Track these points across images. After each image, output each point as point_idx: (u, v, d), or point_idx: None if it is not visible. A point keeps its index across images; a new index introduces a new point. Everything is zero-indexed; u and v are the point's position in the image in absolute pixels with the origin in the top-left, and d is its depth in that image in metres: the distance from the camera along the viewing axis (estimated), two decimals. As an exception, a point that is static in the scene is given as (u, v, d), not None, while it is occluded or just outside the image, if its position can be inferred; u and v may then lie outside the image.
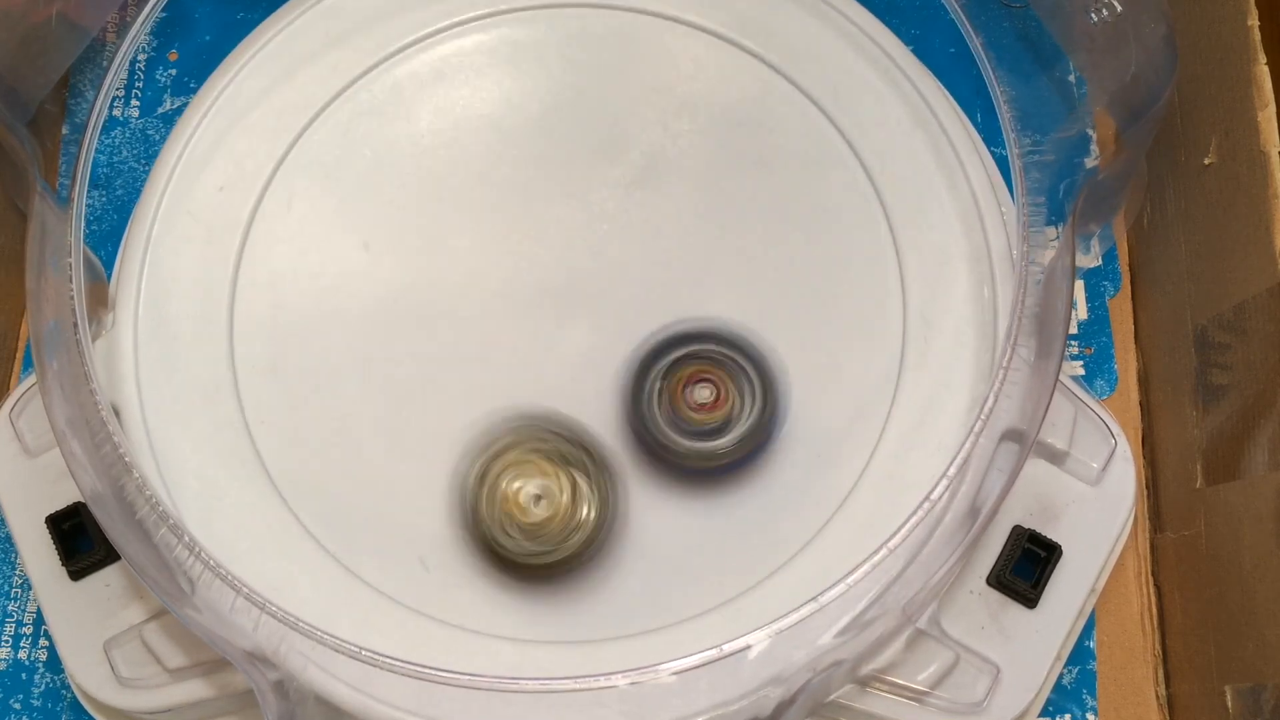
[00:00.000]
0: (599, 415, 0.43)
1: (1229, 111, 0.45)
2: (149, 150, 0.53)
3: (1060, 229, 0.43)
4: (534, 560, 0.42)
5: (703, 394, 0.43)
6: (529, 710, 0.39)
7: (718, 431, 0.43)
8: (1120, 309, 0.51)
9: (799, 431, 0.43)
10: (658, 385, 0.43)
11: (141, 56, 0.54)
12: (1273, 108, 0.43)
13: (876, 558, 0.39)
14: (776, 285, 0.45)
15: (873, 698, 0.42)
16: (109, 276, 0.45)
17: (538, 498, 0.42)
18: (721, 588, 0.42)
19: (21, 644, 0.48)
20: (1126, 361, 0.50)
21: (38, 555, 0.44)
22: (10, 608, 0.49)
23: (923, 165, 0.45)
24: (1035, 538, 0.43)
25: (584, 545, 0.42)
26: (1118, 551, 0.44)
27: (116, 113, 0.53)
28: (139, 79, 0.54)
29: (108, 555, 0.43)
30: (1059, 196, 0.43)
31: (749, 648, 0.38)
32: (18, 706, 0.47)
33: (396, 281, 0.45)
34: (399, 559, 0.42)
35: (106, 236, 0.52)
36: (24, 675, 0.48)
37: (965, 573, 0.43)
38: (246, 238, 0.45)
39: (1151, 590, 0.48)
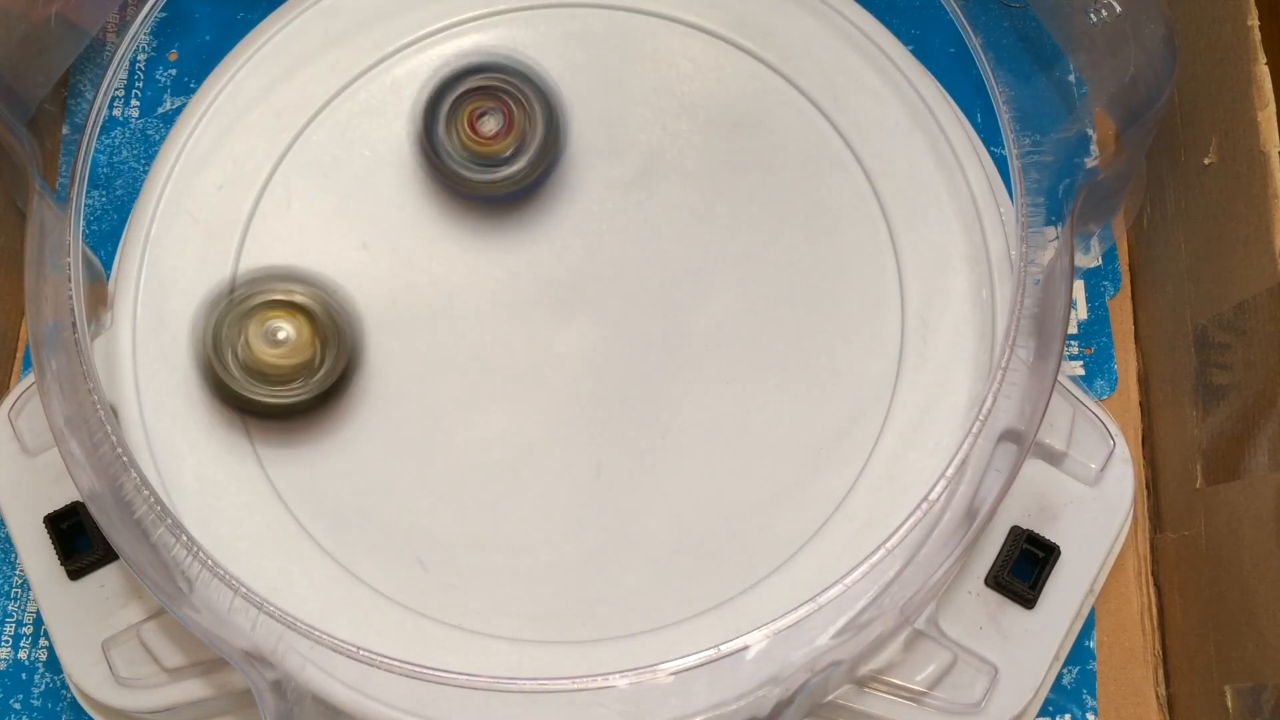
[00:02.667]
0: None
1: (1229, 111, 0.44)
2: (149, 150, 0.53)
3: (1060, 229, 0.43)
4: None
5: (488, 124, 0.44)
6: (527, 710, 0.39)
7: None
8: (1120, 309, 0.51)
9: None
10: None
11: (141, 56, 0.54)
12: (1273, 108, 0.43)
13: (874, 558, 0.39)
14: (775, 285, 0.45)
15: (871, 698, 0.42)
16: (108, 276, 0.45)
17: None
18: (719, 588, 0.42)
19: (21, 644, 0.48)
20: (1126, 361, 0.50)
21: (36, 555, 0.44)
22: (10, 608, 0.49)
23: (921, 166, 0.45)
24: (1033, 538, 0.43)
25: None
26: (1116, 552, 0.44)
27: (116, 113, 0.53)
28: (139, 79, 0.54)
29: (106, 555, 0.43)
30: (1058, 197, 0.43)
31: (747, 648, 0.38)
32: (18, 706, 0.47)
33: (395, 281, 0.45)
34: (397, 558, 0.42)
35: (106, 236, 0.52)
36: (24, 675, 0.48)
37: (963, 573, 0.43)
38: (245, 237, 0.45)
39: (1151, 590, 0.48)
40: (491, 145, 0.44)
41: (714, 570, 0.42)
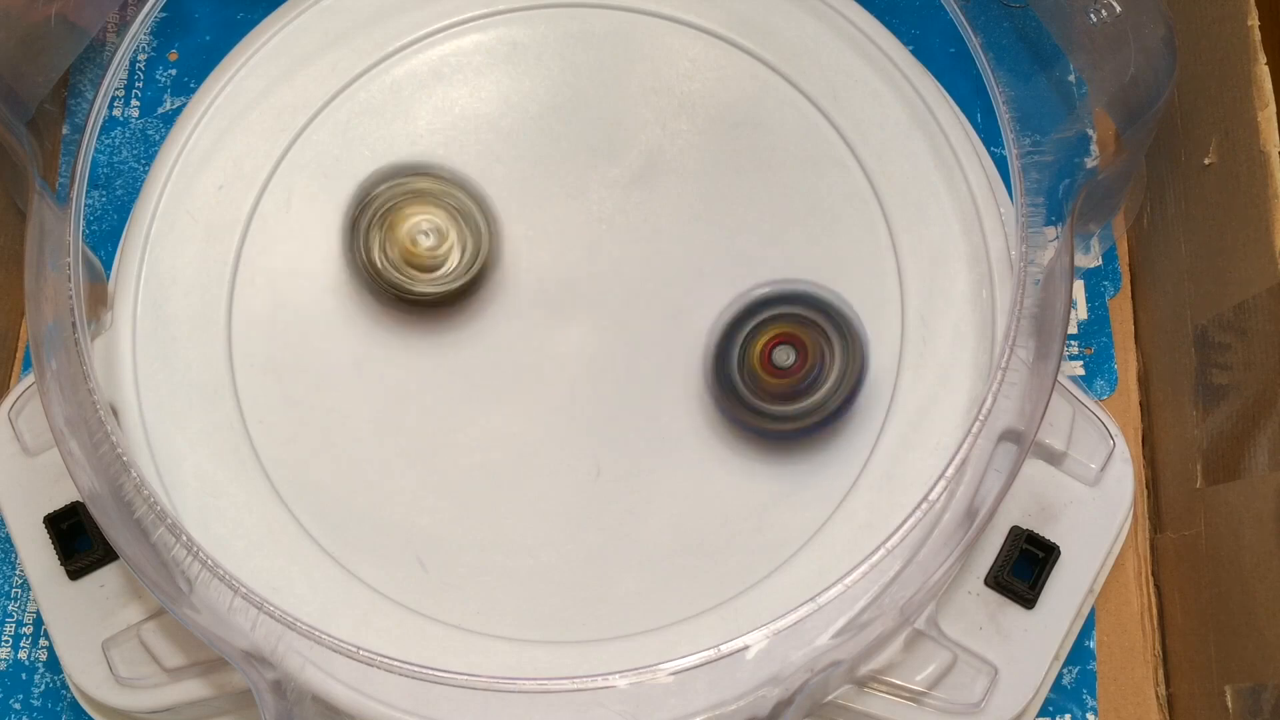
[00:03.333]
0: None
1: (1229, 111, 0.44)
2: (149, 150, 0.53)
3: (1060, 229, 0.43)
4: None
5: (782, 357, 0.43)
6: (527, 710, 0.39)
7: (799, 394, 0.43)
8: (1120, 309, 0.51)
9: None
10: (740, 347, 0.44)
11: (141, 56, 0.54)
12: (1273, 108, 0.43)
13: (874, 558, 0.39)
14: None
15: (870, 698, 0.42)
16: (108, 276, 0.45)
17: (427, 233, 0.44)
18: (719, 588, 0.42)
19: (21, 644, 0.48)
20: (1126, 361, 0.50)
21: (36, 555, 0.44)
22: (10, 608, 0.49)
23: (921, 166, 0.45)
24: (1033, 538, 0.43)
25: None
26: (1116, 552, 0.44)
27: (116, 113, 0.53)
28: (139, 79, 0.54)
29: (106, 555, 0.43)
30: (1058, 197, 0.43)
31: (747, 648, 0.38)
32: (18, 706, 0.47)
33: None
34: (396, 558, 0.42)
35: (106, 236, 0.52)
36: (24, 675, 0.48)
37: (963, 573, 0.43)
38: (245, 237, 0.45)
39: (1151, 590, 0.48)
40: (787, 379, 0.43)
41: (714, 570, 0.42)
